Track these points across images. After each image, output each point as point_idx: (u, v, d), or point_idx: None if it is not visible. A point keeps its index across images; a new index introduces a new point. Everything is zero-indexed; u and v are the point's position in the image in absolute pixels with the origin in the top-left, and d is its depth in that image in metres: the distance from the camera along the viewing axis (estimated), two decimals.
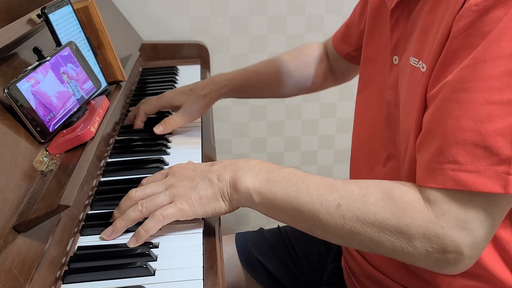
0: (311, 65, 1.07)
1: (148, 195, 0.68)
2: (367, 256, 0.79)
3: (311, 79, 1.07)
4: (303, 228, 0.65)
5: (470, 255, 0.57)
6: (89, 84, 0.81)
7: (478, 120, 0.54)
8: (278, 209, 0.65)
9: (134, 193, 0.69)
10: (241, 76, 1.03)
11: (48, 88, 0.71)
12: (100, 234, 0.69)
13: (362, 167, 0.83)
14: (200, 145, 0.95)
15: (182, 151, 0.93)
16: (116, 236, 0.67)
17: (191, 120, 0.98)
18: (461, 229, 0.56)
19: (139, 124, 0.99)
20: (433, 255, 0.57)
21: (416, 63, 0.64)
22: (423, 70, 0.62)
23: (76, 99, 0.77)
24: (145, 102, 1.00)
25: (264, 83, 1.06)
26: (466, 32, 0.55)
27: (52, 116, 0.70)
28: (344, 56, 1.01)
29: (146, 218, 0.66)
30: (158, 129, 0.95)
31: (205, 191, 0.67)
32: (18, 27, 0.73)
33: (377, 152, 0.78)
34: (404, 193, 0.59)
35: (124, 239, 0.67)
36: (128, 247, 0.65)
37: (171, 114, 1.08)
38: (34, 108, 0.67)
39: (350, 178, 0.86)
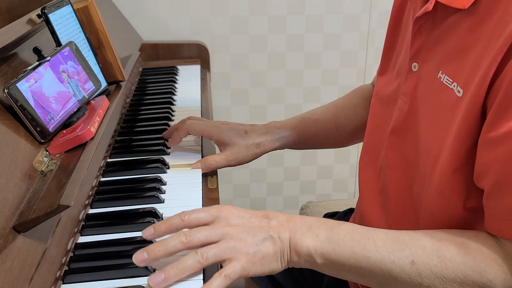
0: (367, 107, 0.96)
1: (203, 242, 0.60)
2: None
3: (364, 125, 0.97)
4: (373, 285, 0.63)
5: None
6: (90, 84, 0.81)
7: None
8: (345, 269, 0.62)
9: (188, 237, 0.60)
10: (300, 126, 0.92)
11: (48, 88, 0.71)
12: (100, 234, 0.69)
13: (369, 170, 0.82)
14: (200, 145, 0.95)
15: (182, 151, 0.93)
16: (167, 285, 0.58)
17: (234, 165, 0.88)
18: None
19: (177, 140, 0.90)
20: None
21: (450, 83, 0.62)
22: (459, 95, 0.60)
23: (77, 99, 0.77)
24: (193, 121, 0.90)
25: (324, 131, 0.95)
26: None
27: (52, 116, 0.70)
28: None
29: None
30: (196, 166, 0.85)
31: (267, 250, 0.62)
32: (18, 27, 0.73)
33: (381, 159, 0.77)
34: (480, 246, 0.57)
35: (125, 235, 0.67)
36: (127, 244, 0.65)
37: (171, 114, 1.09)
38: (34, 108, 0.67)
39: (358, 181, 0.84)
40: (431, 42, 0.67)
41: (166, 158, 0.89)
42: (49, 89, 0.71)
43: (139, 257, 0.59)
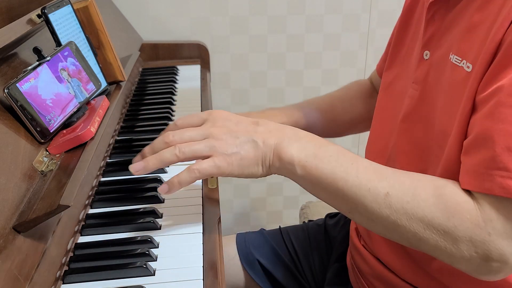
0: (364, 99, 1.00)
1: (186, 141, 0.64)
2: (378, 254, 0.78)
3: (366, 114, 0.99)
4: (343, 209, 0.64)
5: None
6: (91, 85, 0.81)
7: None
8: (321, 187, 0.63)
9: (172, 136, 0.64)
10: (297, 114, 0.95)
11: (48, 87, 0.71)
12: (100, 234, 0.69)
13: (375, 160, 0.82)
14: None
15: None
16: (145, 173, 0.64)
17: None
18: (508, 238, 0.55)
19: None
20: (476, 260, 0.56)
21: (459, 61, 0.62)
22: (468, 70, 0.60)
23: (77, 99, 0.76)
24: (183, 117, 0.89)
25: (321, 120, 0.97)
26: None
27: (52, 116, 0.70)
28: None
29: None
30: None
31: (247, 153, 0.63)
32: (18, 27, 0.73)
33: (390, 147, 0.77)
34: (456, 192, 0.58)
35: (125, 235, 0.67)
36: (127, 244, 0.65)
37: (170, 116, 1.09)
38: (34, 108, 0.67)
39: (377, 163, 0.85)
40: (443, 28, 0.68)
41: None
42: (50, 88, 0.71)
43: (136, 167, 0.64)
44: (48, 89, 0.71)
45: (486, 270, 0.57)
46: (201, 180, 0.82)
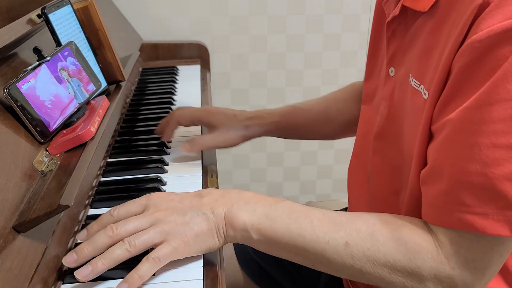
0: (359, 102, 0.97)
1: (132, 232, 0.59)
2: None
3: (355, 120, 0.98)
4: (306, 264, 0.63)
5: None
6: (91, 86, 0.81)
7: (485, 164, 0.52)
8: (279, 246, 0.62)
9: (115, 229, 0.59)
10: (289, 114, 0.94)
11: (47, 88, 0.71)
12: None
13: (357, 177, 0.82)
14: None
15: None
16: (93, 277, 0.57)
17: (223, 146, 0.89)
18: (471, 268, 0.56)
19: (169, 134, 0.90)
20: None
21: (418, 86, 0.62)
22: (425, 97, 0.60)
23: (77, 100, 0.77)
24: (180, 111, 0.90)
25: (313, 121, 0.96)
26: (470, 69, 0.53)
27: (52, 116, 0.70)
28: None
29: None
30: (184, 147, 0.86)
31: (200, 227, 0.60)
32: (18, 27, 0.73)
33: (365, 165, 0.77)
34: (413, 232, 0.58)
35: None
36: None
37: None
38: (34, 108, 0.67)
39: (347, 188, 0.84)
40: (404, 46, 0.67)
41: (166, 158, 0.89)
42: (50, 88, 0.71)
43: (69, 259, 0.58)
44: (47, 90, 0.71)
45: None
46: (201, 181, 0.82)
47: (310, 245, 0.60)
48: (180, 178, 0.83)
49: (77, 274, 0.56)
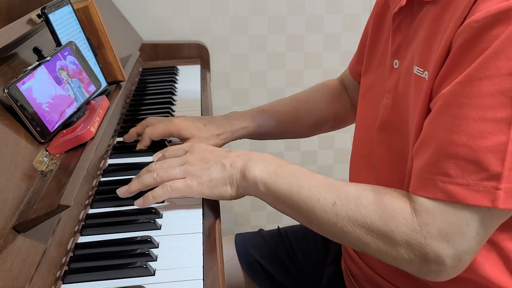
0: (330, 98, 1.02)
1: (165, 168, 0.73)
2: (366, 259, 0.79)
3: (332, 113, 1.02)
4: (302, 221, 0.69)
5: (453, 267, 0.58)
6: (92, 87, 0.81)
7: (471, 136, 0.55)
8: (280, 201, 0.69)
9: (154, 165, 0.75)
10: (259, 118, 0.96)
11: (44, 90, 0.71)
12: (100, 234, 0.69)
13: (360, 169, 0.83)
14: None
15: None
16: (128, 195, 0.74)
17: None
18: (443, 240, 0.57)
19: (142, 147, 0.91)
20: (415, 262, 0.59)
21: (421, 72, 0.64)
22: (425, 78, 0.63)
23: (77, 102, 0.77)
24: (151, 127, 0.91)
25: (283, 123, 0.98)
26: (466, 47, 0.56)
27: (52, 116, 0.70)
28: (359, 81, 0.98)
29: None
30: (157, 156, 0.83)
31: (216, 175, 0.71)
32: (18, 27, 0.73)
33: (370, 155, 0.78)
34: (394, 199, 0.61)
35: (125, 235, 0.67)
36: (127, 244, 0.65)
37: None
38: (34, 108, 0.67)
39: (349, 181, 0.86)
40: (409, 37, 0.69)
41: None
42: (50, 88, 0.71)
43: (121, 190, 0.74)
44: (44, 92, 0.71)
45: (428, 271, 0.60)
46: None
47: (304, 201, 0.66)
48: None
49: (118, 191, 0.74)
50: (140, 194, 0.74)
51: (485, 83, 0.54)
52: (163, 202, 0.76)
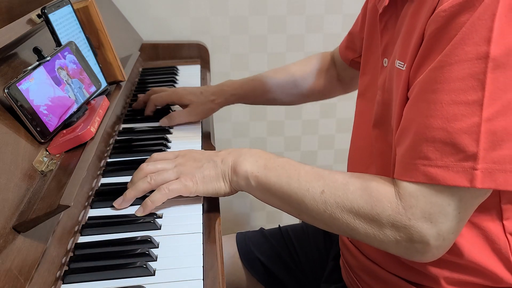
0: (318, 74, 1.09)
1: (158, 170, 0.74)
2: (362, 248, 0.80)
3: (317, 89, 1.10)
4: (292, 212, 0.71)
5: (437, 246, 0.61)
6: (92, 88, 0.81)
7: (446, 119, 0.58)
8: (271, 193, 0.71)
9: (146, 167, 0.75)
10: (247, 85, 1.08)
11: (48, 87, 0.71)
12: (100, 234, 0.69)
13: (358, 167, 0.84)
14: (200, 145, 0.95)
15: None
16: (126, 206, 0.73)
17: (195, 119, 1.04)
18: (427, 221, 0.60)
19: (149, 113, 1.06)
20: (401, 243, 0.62)
21: (402, 66, 0.67)
22: (403, 69, 0.66)
23: (78, 104, 0.77)
24: (156, 95, 1.06)
25: (270, 92, 1.09)
26: (436, 36, 0.59)
27: (52, 116, 0.70)
28: (349, 63, 1.02)
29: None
30: (163, 122, 1.02)
31: (209, 172, 0.73)
32: (18, 27, 0.73)
33: (370, 151, 0.79)
34: (380, 185, 0.64)
35: (125, 235, 0.67)
36: (127, 244, 0.66)
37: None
38: (34, 108, 0.67)
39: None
40: (395, 36, 0.72)
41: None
42: (50, 88, 0.71)
43: (117, 201, 0.73)
44: (43, 92, 0.71)
45: (414, 252, 0.62)
46: None
47: (293, 191, 0.68)
48: None
49: (115, 203, 0.73)
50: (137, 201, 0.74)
51: (455, 68, 0.57)
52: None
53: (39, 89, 0.69)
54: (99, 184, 0.81)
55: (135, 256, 0.64)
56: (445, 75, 0.58)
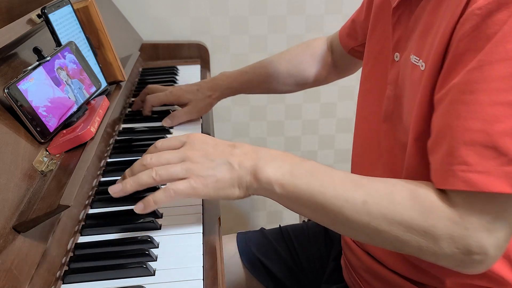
0: (314, 61, 1.10)
1: (163, 164, 0.65)
2: (368, 248, 0.80)
3: (313, 75, 1.10)
4: (325, 222, 0.65)
5: (495, 256, 0.57)
6: (93, 88, 0.81)
7: (486, 121, 0.54)
8: (300, 203, 0.64)
9: (149, 159, 0.66)
10: (242, 77, 1.10)
11: (47, 88, 0.71)
12: (100, 234, 0.69)
13: (363, 161, 0.83)
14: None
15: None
16: (122, 195, 0.66)
17: (196, 116, 1.06)
18: (484, 230, 0.56)
19: (147, 113, 1.07)
20: (458, 255, 0.58)
21: (417, 61, 0.65)
22: (422, 68, 0.63)
23: (77, 104, 0.76)
24: (152, 95, 1.07)
25: (265, 82, 1.10)
26: (472, 35, 0.56)
27: (52, 116, 0.70)
28: (348, 51, 1.02)
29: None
30: (166, 122, 1.02)
31: (223, 175, 0.64)
32: (18, 27, 0.73)
33: (377, 146, 0.79)
34: (429, 193, 0.59)
35: (125, 235, 0.67)
36: (127, 244, 0.65)
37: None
38: (34, 108, 0.67)
39: (352, 171, 0.87)
40: (408, 31, 0.70)
41: None
42: (50, 88, 0.71)
43: (114, 189, 0.66)
44: (41, 94, 0.71)
45: (469, 264, 0.58)
46: None
47: (330, 201, 0.61)
48: None
49: (110, 189, 0.66)
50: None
51: (496, 67, 0.54)
52: None
53: (38, 90, 0.69)
54: (99, 184, 0.81)
55: (135, 256, 0.64)
56: (485, 75, 0.54)
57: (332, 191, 0.62)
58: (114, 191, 0.66)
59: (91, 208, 0.75)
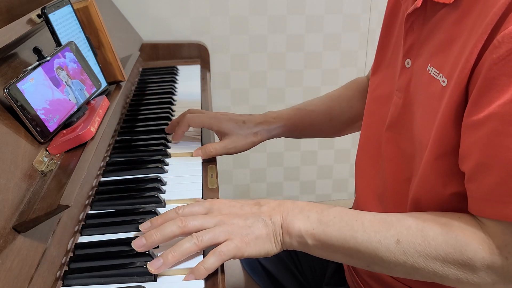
0: (361, 98, 1.00)
1: (199, 228, 0.64)
2: None
3: (362, 115, 1.01)
4: (361, 265, 0.66)
5: None
6: (94, 89, 0.81)
7: None
8: (333, 249, 0.65)
9: (184, 222, 0.64)
10: (295, 117, 0.98)
11: (46, 89, 0.71)
12: (100, 234, 0.69)
13: (366, 166, 0.83)
14: (200, 146, 0.95)
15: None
16: (165, 268, 0.62)
17: (233, 152, 0.93)
18: None
19: (180, 134, 0.94)
20: (499, 283, 0.58)
21: (437, 75, 0.64)
22: (444, 84, 0.62)
23: (78, 105, 0.76)
24: (193, 114, 0.94)
25: (318, 121, 0.99)
26: (507, 58, 0.54)
27: (52, 116, 0.70)
28: None
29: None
30: (197, 153, 0.91)
31: (260, 232, 0.65)
32: (18, 27, 0.73)
33: (378, 153, 0.78)
34: (462, 225, 0.60)
35: (125, 235, 0.67)
36: (127, 244, 0.66)
37: (172, 113, 1.09)
38: (34, 108, 0.67)
39: (355, 178, 0.86)
40: (422, 38, 0.69)
41: (166, 158, 0.89)
42: (49, 88, 0.71)
43: (138, 243, 0.63)
44: (40, 95, 0.71)
45: None
46: (201, 181, 0.82)
47: (363, 245, 0.62)
48: (180, 178, 0.83)
49: (150, 266, 0.61)
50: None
51: None
52: (163, 202, 0.76)
53: (38, 90, 0.69)
54: (99, 184, 0.81)
55: (135, 256, 0.64)
56: None
57: (363, 235, 0.62)
58: (155, 266, 0.61)
59: (91, 208, 0.75)
